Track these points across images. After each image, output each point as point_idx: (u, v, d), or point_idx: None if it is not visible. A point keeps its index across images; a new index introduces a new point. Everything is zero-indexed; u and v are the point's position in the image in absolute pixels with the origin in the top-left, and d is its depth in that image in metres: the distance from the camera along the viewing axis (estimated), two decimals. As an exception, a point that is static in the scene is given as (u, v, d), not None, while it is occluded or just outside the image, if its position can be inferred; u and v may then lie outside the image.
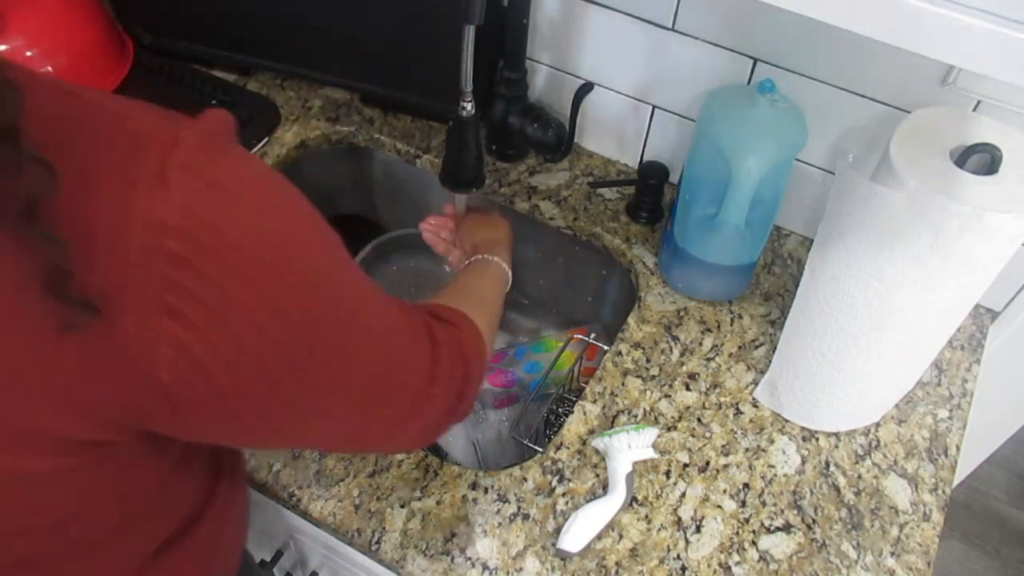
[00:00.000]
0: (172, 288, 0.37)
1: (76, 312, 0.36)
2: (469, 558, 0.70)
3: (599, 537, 0.72)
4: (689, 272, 0.89)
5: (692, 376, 0.84)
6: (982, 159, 0.62)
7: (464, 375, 0.59)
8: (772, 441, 0.80)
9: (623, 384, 0.83)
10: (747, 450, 0.79)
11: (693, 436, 0.79)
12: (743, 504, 0.75)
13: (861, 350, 0.71)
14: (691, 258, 0.87)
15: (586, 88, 0.95)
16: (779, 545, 0.73)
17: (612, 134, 1.04)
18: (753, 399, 0.83)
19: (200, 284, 0.38)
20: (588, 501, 0.74)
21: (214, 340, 0.40)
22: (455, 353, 0.59)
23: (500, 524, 0.72)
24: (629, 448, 0.76)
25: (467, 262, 0.85)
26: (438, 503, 0.73)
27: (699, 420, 0.81)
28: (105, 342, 0.37)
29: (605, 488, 0.75)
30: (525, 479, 0.75)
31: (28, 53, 0.93)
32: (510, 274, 0.85)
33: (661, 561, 0.71)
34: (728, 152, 0.76)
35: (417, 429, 0.58)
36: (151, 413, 0.41)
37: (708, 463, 0.78)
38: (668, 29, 0.88)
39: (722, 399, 0.83)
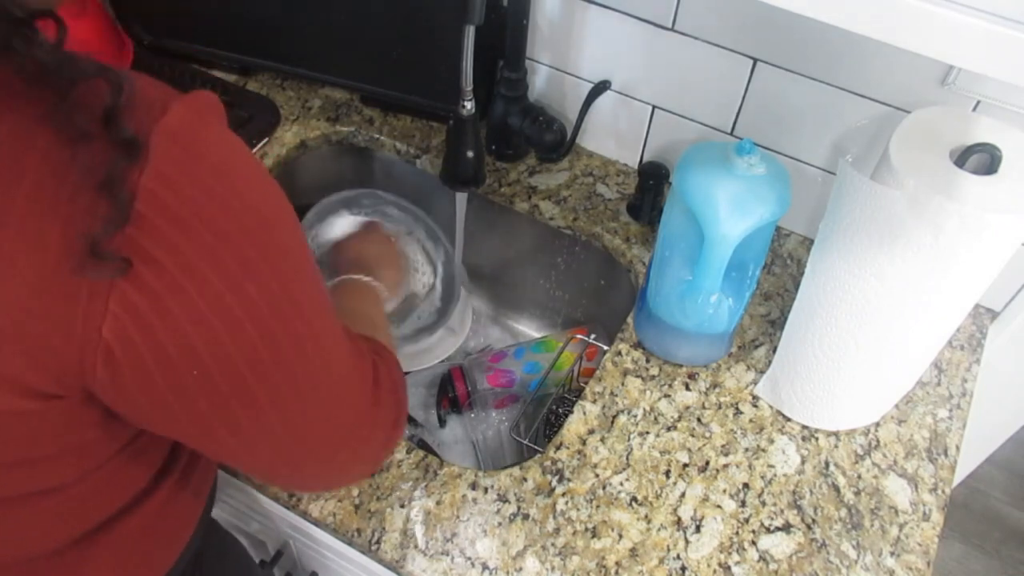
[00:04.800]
0: (130, 245, 0.37)
1: (110, 267, 0.37)
2: (469, 558, 0.70)
3: (598, 537, 0.72)
4: (662, 337, 0.84)
5: (692, 376, 0.84)
6: (982, 159, 0.62)
7: (398, 401, 0.58)
8: (772, 441, 0.80)
9: (623, 384, 0.83)
10: (747, 450, 0.79)
11: (693, 436, 0.79)
12: (743, 504, 0.75)
13: (861, 349, 0.71)
14: (664, 323, 0.81)
15: (601, 87, 0.95)
16: (779, 545, 0.73)
17: (612, 134, 1.04)
18: (753, 398, 0.83)
19: (160, 245, 0.38)
20: None
21: (168, 305, 0.39)
22: (391, 379, 0.58)
23: (500, 524, 0.72)
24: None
25: (338, 280, 0.81)
26: (438, 503, 0.73)
27: (699, 420, 0.81)
28: (69, 294, 0.38)
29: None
30: (525, 479, 0.75)
31: (28, 53, 0.93)
32: (384, 292, 0.82)
33: (661, 561, 0.71)
34: (701, 220, 0.71)
35: (364, 455, 0.57)
36: (92, 372, 0.40)
37: (708, 463, 0.78)
38: (668, 29, 0.88)
39: (722, 399, 0.83)
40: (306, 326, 0.46)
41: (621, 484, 0.75)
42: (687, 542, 0.72)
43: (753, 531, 0.73)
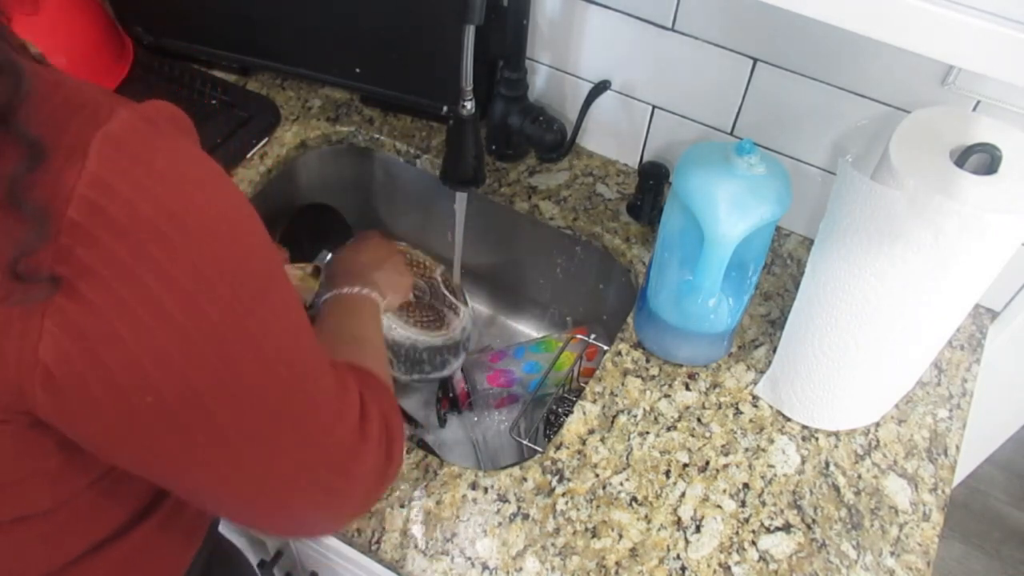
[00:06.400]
0: (64, 257, 0.34)
1: (37, 288, 0.34)
2: (469, 558, 0.70)
3: (598, 537, 0.72)
4: (663, 336, 0.83)
5: (692, 376, 0.84)
6: (982, 159, 0.62)
7: (390, 436, 0.55)
8: (772, 441, 0.80)
9: (623, 384, 0.83)
10: (747, 450, 0.79)
11: (693, 436, 0.79)
12: (743, 504, 0.75)
13: (861, 349, 0.71)
14: (664, 323, 0.81)
15: (601, 87, 0.95)
16: (779, 545, 0.73)
17: (612, 134, 1.04)
18: (753, 398, 0.83)
19: (97, 256, 0.35)
20: None
21: (110, 322, 0.36)
22: (380, 413, 0.54)
23: (500, 524, 0.72)
24: None
25: (328, 296, 0.77)
26: (438, 503, 0.73)
27: (699, 420, 0.81)
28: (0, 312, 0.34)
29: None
30: (525, 479, 0.75)
31: (28, 53, 0.93)
32: (380, 299, 0.77)
33: (661, 561, 0.71)
34: (701, 220, 0.71)
35: (353, 493, 0.52)
36: (32, 396, 0.37)
37: (708, 463, 0.78)
38: (668, 29, 0.88)
39: (722, 399, 0.83)
40: (277, 351, 0.43)
41: (621, 484, 0.75)
42: (687, 542, 0.72)
43: (753, 531, 0.73)
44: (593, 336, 0.95)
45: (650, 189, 0.96)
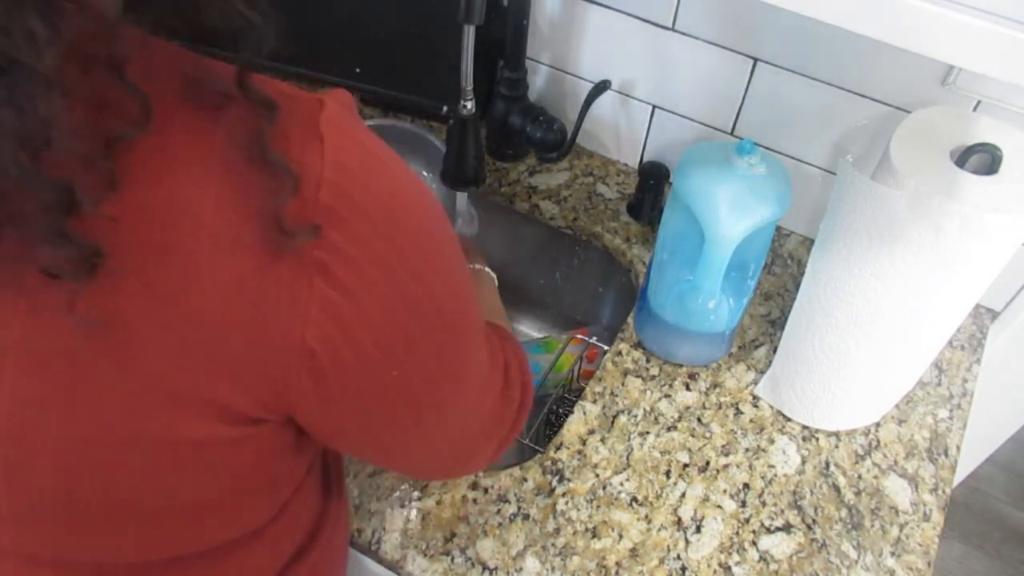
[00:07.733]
0: (323, 243, 0.35)
1: (295, 240, 0.34)
2: (469, 558, 0.70)
3: (598, 537, 0.72)
4: (663, 336, 0.83)
5: (692, 376, 0.84)
6: (982, 159, 0.62)
7: (524, 382, 0.59)
8: (772, 441, 0.80)
9: (623, 384, 0.83)
10: (747, 450, 0.79)
11: (693, 436, 0.79)
12: (743, 504, 0.75)
13: (861, 350, 0.71)
14: (664, 323, 0.81)
15: (601, 87, 0.95)
16: (779, 545, 0.73)
17: (612, 134, 1.04)
18: (753, 398, 0.83)
19: (350, 240, 0.36)
20: None
21: (363, 303, 0.37)
22: (517, 361, 0.59)
23: (500, 524, 0.72)
24: None
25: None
26: (438, 503, 0.73)
27: (699, 420, 0.81)
28: (267, 302, 0.35)
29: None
30: (525, 479, 0.75)
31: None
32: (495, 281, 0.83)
33: (661, 561, 0.71)
34: (701, 220, 0.71)
35: (492, 447, 0.57)
36: (297, 385, 0.37)
37: (708, 463, 0.78)
38: (668, 29, 0.88)
39: (722, 399, 0.83)
40: (472, 314, 0.46)
41: (621, 484, 0.75)
42: (687, 542, 0.72)
43: (753, 531, 0.73)
44: (595, 338, 0.95)
45: (650, 189, 0.96)
